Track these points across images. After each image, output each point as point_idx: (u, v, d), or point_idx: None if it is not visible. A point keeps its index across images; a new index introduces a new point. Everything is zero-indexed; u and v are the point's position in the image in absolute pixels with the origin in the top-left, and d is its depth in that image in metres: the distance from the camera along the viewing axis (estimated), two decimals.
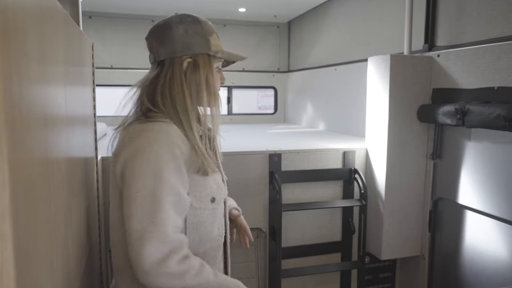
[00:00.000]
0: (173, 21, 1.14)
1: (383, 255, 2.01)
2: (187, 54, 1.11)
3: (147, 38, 1.18)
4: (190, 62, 1.11)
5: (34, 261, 0.59)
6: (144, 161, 0.98)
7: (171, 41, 1.11)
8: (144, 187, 0.97)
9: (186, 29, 1.12)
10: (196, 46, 1.12)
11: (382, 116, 1.95)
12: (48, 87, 0.73)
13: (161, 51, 1.12)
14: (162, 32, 1.14)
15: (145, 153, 0.98)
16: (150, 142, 1.00)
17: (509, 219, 1.61)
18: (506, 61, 1.53)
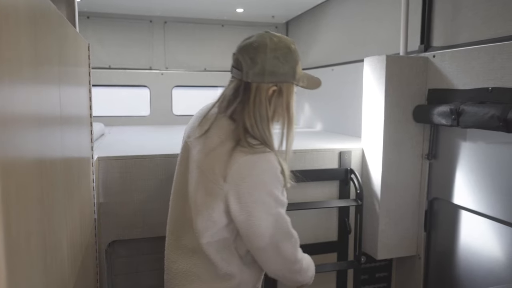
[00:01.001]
0: (267, 46, 1.17)
1: (379, 255, 2.02)
2: (274, 82, 1.18)
3: (236, 54, 1.21)
4: (275, 90, 1.19)
5: (26, 260, 0.60)
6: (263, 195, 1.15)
7: (263, 67, 1.16)
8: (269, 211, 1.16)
9: (278, 57, 1.17)
10: (284, 76, 1.18)
11: (378, 116, 1.96)
12: (41, 87, 0.73)
13: (250, 73, 1.17)
14: (255, 54, 1.17)
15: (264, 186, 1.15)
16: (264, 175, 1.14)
17: (504, 219, 1.62)
18: (500, 62, 1.54)
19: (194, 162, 1.24)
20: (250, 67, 1.16)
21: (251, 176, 1.13)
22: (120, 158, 1.78)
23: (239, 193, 1.13)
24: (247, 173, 1.13)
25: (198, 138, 1.23)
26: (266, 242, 1.17)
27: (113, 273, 1.90)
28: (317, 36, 3.46)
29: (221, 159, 1.14)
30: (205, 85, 3.93)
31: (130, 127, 3.54)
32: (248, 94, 1.17)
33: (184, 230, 1.28)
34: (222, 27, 3.93)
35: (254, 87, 1.17)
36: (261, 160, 1.14)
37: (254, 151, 1.14)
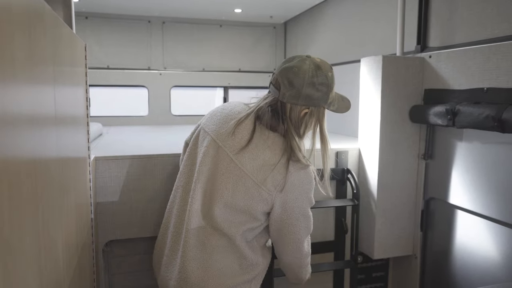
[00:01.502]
0: (306, 73, 1.26)
1: (375, 254, 2.02)
2: (306, 105, 1.29)
3: (276, 74, 1.31)
4: (307, 113, 1.31)
5: (19, 260, 0.60)
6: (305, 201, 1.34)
7: (299, 91, 1.26)
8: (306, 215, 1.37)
9: (315, 84, 1.27)
10: (317, 101, 1.29)
11: (375, 116, 1.96)
12: (35, 87, 0.74)
13: (286, 95, 1.28)
14: (293, 78, 1.26)
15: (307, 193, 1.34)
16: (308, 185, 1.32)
17: (499, 218, 1.62)
18: (495, 62, 1.55)
19: (236, 168, 1.31)
20: (287, 89, 1.27)
21: (300, 187, 1.30)
22: (118, 158, 1.79)
23: (286, 199, 1.30)
24: (297, 184, 1.30)
25: (241, 147, 1.31)
26: (293, 238, 1.36)
27: (110, 273, 1.90)
28: (315, 37, 3.47)
29: (278, 171, 1.27)
30: (204, 85, 3.94)
31: (128, 127, 3.54)
32: (285, 112, 1.30)
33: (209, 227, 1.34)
34: (220, 27, 3.94)
35: (289, 107, 1.29)
36: (307, 173, 1.31)
37: (304, 165, 1.30)
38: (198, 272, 1.32)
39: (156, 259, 1.49)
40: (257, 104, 1.36)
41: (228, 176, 1.31)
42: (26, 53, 0.66)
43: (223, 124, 1.37)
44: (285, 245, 1.40)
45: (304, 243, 1.41)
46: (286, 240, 1.38)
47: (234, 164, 1.30)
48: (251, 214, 1.32)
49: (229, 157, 1.31)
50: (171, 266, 1.40)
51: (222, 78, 3.95)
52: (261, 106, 1.34)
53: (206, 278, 1.32)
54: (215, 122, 1.40)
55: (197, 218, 1.35)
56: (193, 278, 1.33)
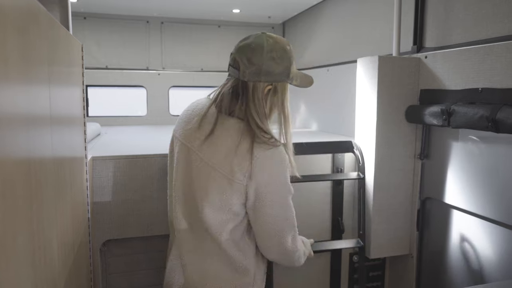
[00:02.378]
0: (264, 47, 1.22)
1: (372, 254, 2.03)
2: (269, 81, 1.25)
3: (234, 54, 1.27)
4: (271, 89, 1.26)
5: (13, 258, 0.61)
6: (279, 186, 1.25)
7: (259, 67, 1.22)
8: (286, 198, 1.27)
9: (274, 58, 1.23)
10: (279, 75, 1.25)
11: (371, 116, 1.97)
12: (30, 87, 0.75)
13: (247, 73, 1.23)
14: (252, 55, 1.22)
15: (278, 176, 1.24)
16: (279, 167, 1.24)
17: (494, 218, 1.63)
18: (490, 63, 1.56)
19: (204, 164, 1.26)
20: (247, 67, 1.22)
21: (270, 169, 1.22)
22: (115, 158, 1.80)
23: (257, 184, 1.22)
24: (266, 166, 1.22)
25: (204, 140, 1.26)
26: (271, 230, 1.27)
27: (107, 272, 1.91)
28: (313, 37, 3.48)
29: (242, 157, 1.21)
30: (202, 85, 3.95)
31: (127, 127, 3.55)
32: (247, 93, 1.24)
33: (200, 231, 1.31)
34: (218, 28, 3.95)
35: (251, 85, 1.23)
36: (276, 153, 1.23)
37: (270, 145, 1.23)
38: (195, 277, 1.31)
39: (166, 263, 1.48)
40: (217, 92, 1.31)
41: (201, 176, 1.27)
42: (20, 53, 0.67)
43: (187, 124, 1.33)
44: (264, 239, 1.30)
45: (286, 238, 1.30)
46: (265, 234, 1.29)
47: (204, 162, 1.26)
48: (230, 210, 1.25)
49: (198, 156, 1.27)
50: (173, 271, 1.39)
51: (221, 78, 3.90)
52: (222, 92, 1.28)
53: (204, 283, 1.31)
54: (181, 125, 1.37)
55: (184, 223, 1.33)
56: (191, 283, 1.32)
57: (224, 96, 1.28)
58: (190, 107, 1.41)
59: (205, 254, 1.32)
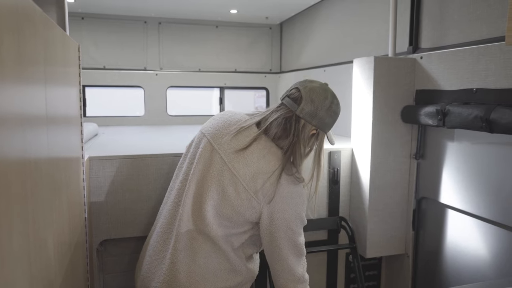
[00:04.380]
0: (328, 98, 1.37)
1: (368, 253, 2.04)
2: (316, 126, 1.36)
3: (300, 89, 1.37)
4: (315, 134, 1.38)
5: (8, 257, 0.62)
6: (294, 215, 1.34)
7: (317, 110, 1.34)
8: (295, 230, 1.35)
9: (330, 109, 1.37)
10: (325, 126, 1.38)
11: (367, 116, 1.98)
12: (25, 87, 0.75)
13: (304, 111, 1.34)
14: (316, 98, 1.35)
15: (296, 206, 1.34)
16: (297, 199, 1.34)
17: (489, 218, 1.65)
18: (484, 63, 1.57)
19: (227, 170, 1.34)
20: (308, 107, 1.34)
21: (289, 199, 1.32)
22: (111, 158, 1.80)
23: (274, 209, 1.31)
24: (286, 196, 1.32)
25: (238, 151, 1.35)
26: (282, 255, 1.34)
27: (104, 272, 1.91)
28: (310, 37, 3.49)
29: (270, 183, 1.30)
30: (200, 85, 3.95)
31: (124, 127, 3.56)
32: (298, 128, 1.34)
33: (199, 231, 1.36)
34: (216, 28, 3.95)
35: (302, 123, 1.34)
36: (299, 187, 1.35)
37: (296, 181, 1.34)
38: (181, 276, 1.34)
39: (140, 259, 1.51)
40: (264, 114, 1.40)
41: (219, 179, 1.33)
42: (14, 54, 0.68)
43: (222, 128, 1.40)
44: (275, 262, 1.37)
45: (295, 265, 1.37)
46: (276, 257, 1.36)
47: (227, 168, 1.33)
48: (238, 219, 1.33)
49: (222, 160, 1.34)
50: (153, 267, 1.40)
51: (218, 79, 3.96)
52: (270, 116, 1.38)
53: (192, 281, 1.34)
54: (213, 125, 1.44)
55: (187, 220, 1.36)
56: (180, 281, 1.34)
57: (273, 121, 1.36)
58: (226, 114, 1.49)
59: (198, 253, 1.34)
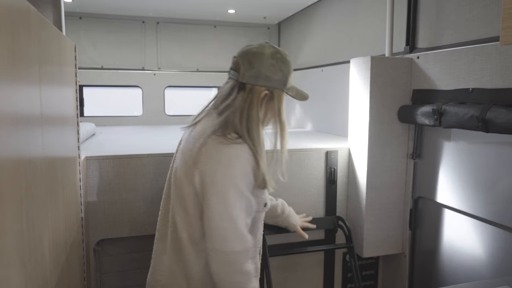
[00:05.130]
0: (265, 54, 1.28)
1: (365, 253, 2.05)
2: (266, 86, 1.28)
3: (236, 57, 1.31)
4: (267, 94, 1.29)
5: (1, 257, 0.62)
6: (226, 174, 1.19)
7: (259, 70, 1.26)
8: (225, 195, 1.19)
9: (274, 65, 1.28)
10: (277, 83, 1.29)
11: (363, 116, 1.99)
12: (20, 87, 0.75)
13: (246, 75, 1.27)
14: (253, 58, 1.28)
15: (228, 167, 1.20)
16: (232, 158, 1.21)
17: (485, 217, 1.65)
18: (480, 63, 1.58)
19: (180, 153, 1.34)
20: (247, 70, 1.27)
21: (217, 159, 1.20)
22: (108, 158, 1.80)
23: (202, 172, 1.20)
24: (214, 156, 1.20)
25: (186, 128, 1.34)
26: (216, 226, 1.18)
27: (101, 272, 1.91)
28: (308, 37, 3.49)
29: (197, 145, 1.24)
30: (198, 85, 3.95)
31: (122, 127, 3.55)
32: (241, 94, 1.27)
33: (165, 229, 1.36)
34: (214, 28, 3.95)
35: (248, 88, 1.27)
36: (231, 147, 1.21)
37: (228, 142, 1.22)
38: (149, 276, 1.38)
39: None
40: (218, 92, 1.37)
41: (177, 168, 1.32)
42: (8, 53, 0.68)
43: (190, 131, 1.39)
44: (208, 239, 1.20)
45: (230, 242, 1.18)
46: (208, 231, 1.20)
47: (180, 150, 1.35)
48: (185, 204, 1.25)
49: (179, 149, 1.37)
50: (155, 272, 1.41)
51: (216, 78, 3.96)
52: (220, 92, 1.33)
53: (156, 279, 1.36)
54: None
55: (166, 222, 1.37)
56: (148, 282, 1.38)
57: (220, 95, 1.33)
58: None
59: (162, 253, 1.35)
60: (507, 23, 0.95)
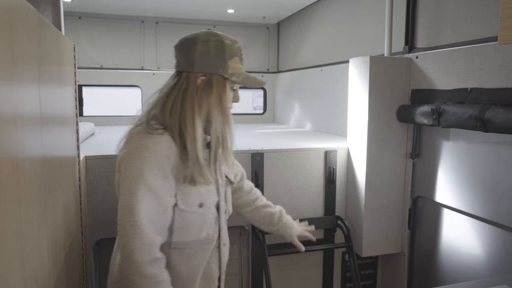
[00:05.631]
0: (199, 37, 1.21)
1: (364, 252, 2.05)
2: (203, 72, 1.20)
3: (174, 46, 1.26)
4: (204, 80, 1.20)
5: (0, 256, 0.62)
6: (132, 166, 1.12)
7: (191, 56, 1.20)
8: (129, 189, 1.11)
9: (209, 48, 1.20)
10: (213, 67, 1.20)
11: (362, 116, 1.99)
12: (18, 86, 0.75)
13: (181, 63, 1.22)
14: (187, 45, 1.22)
15: (135, 158, 1.13)
16: (141, 149, 1.13)
17: (483, 217, 1.65)
18: (478, 63, 1.58)
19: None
20: (182, 57, 1.22)
21: (128, 144, 1.16)
22: (107, 157, 1.80)
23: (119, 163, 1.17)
24: (126, 145, 1.17)
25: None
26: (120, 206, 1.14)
27: (101, 271, 1.91)
28: (307, 37, 3.49)
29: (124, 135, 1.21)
30: None
31: (121, 127, 3.53)
32: (176, 82, 1.21)
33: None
34: (213, 28, 3.95)
35: (184, 76, 1.20)
36: (144, 138, 1.14)
37: (144, 132, 1.16)
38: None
39: None
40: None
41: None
42: (8, 53, 0.68)
43: None
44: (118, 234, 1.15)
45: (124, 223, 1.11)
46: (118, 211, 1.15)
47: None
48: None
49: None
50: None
51: None
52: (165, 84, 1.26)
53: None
54: None
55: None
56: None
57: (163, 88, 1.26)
58: None
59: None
60: (505, 23, 0.96)
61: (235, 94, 1.29)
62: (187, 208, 1.20)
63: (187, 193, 1.19)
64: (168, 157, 1.14)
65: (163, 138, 1.14)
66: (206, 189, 1.23)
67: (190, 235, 1.22)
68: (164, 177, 1.14)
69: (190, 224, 1.21)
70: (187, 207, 1.19)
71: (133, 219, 1.10)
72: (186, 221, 1.20)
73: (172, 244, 1.20)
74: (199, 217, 1.23)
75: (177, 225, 1.19)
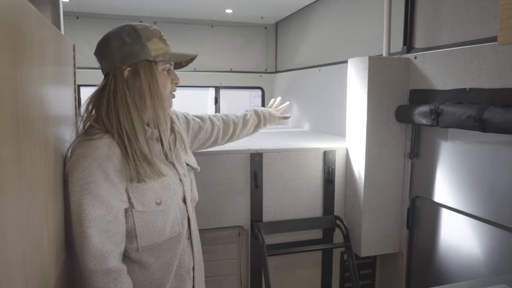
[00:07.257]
0: (111, 34, 1.17)
1: (362, 252, 2.06)
2: (126, 64, 1.15)
3: (94, 54, 1.22)
4: (130, 71, 1.15)
5: (3, 256, 0.62)
6: (74, 177, 1.08)
7: (110, 54, 1.15)
8: (75, 200, 1.09)
9: (123, 39, 1.15)
10: (133, 55, 1.14)
11: (361, 116, 2.00)
12: (20, 87, 0.75)
13: (103, 65, 1.18)
14: (102, 47, 1.18)
15: (76, 169, 1.08)
16: (80, 158, 1.09)
17: (482, 216, 1.66)
18: (477, 63, 1.59)
19: None
20: (102, 60, 1.19)
21: (71, 161, 1.10)
22: None
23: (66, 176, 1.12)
24: (69, 159, 1.12)
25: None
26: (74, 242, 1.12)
27: None
28: (305, 37, 3.50)
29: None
30: (195, 85, 3.95)
31: None
32: (104, 84, 1.18)
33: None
34: (211, 28, 3.95)
35: (111, 75, 1.16)
36: (82, 146, 1.10)
37: (83, 139, 1.12)
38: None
39: None
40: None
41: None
42: (9, 53, 0.68)
43: None
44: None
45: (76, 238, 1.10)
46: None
47: None
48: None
49: None
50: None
51: (214, 78, 3.96)
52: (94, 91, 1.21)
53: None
54: None
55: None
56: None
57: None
58: None
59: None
60: (504, 24, 0.96)
61: (173, 75, 1.25)
62: (145, 209, 1.17)
63: (141, 192, 1.16)
64: (110, 160, 1.10)
65: (101, 142, 1.11)
66: (161, 185, 1.19)
67: (156, 236, 1.20)
68: (109, 182, 1.10)
69: (153, 225, 1.19)
70: (144, 207, 1.16)
71: (81, 230, 1.08)
72: (147, 223, 1.18)
73: (140, 248, 1.18)
74: (160, 215, 1.20)
75: (139, 229, 1.17)
